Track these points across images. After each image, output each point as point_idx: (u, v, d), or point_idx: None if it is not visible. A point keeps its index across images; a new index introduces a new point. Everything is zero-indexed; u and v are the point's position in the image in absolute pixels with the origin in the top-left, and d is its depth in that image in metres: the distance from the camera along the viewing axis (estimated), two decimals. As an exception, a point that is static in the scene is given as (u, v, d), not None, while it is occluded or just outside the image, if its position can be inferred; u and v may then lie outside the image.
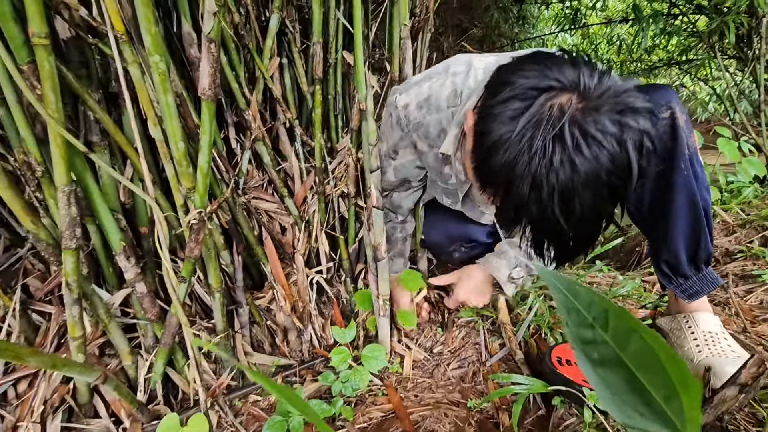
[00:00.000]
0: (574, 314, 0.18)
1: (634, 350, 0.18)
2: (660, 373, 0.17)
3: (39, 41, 0.61)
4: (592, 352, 0.18)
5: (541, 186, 0.59)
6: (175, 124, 0.72)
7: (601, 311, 0.18)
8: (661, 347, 0.17)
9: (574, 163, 0.57)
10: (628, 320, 0.18)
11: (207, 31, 0.61)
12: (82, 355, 0.76)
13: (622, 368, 0.18)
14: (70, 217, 0.70)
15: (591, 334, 0.18)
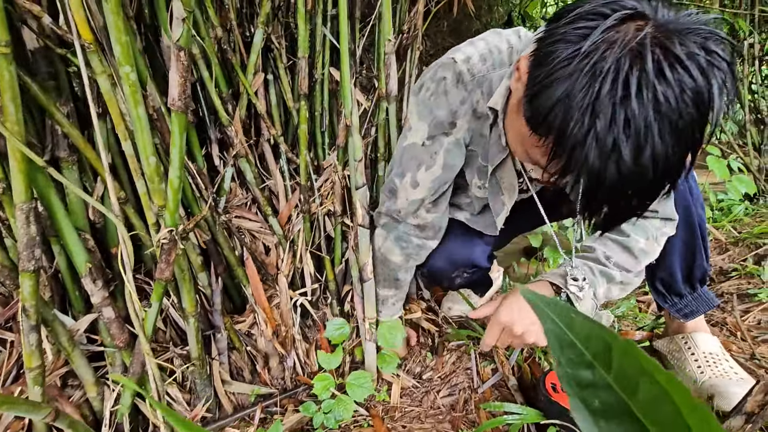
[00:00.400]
0: (569, 350, 0.14)
1: (645, 397, 0.14)
2: (680, 427, 0.13)
3: (0, 49, 0.58)
4: (592, 399, 0.14)
5: (609, 117, 0.49)
6: (146, 138, 0.69)
7: (602, 347, 0.14)
8: (680, 393, 0.13)
9: (654, 89, 0.48)
10: (637, 358, 0.14)
11: (176, 38, 0.58)
12: (39, 387, 0.70)
13: (630, 420, 0.14)
14: (29, 236, 0.65)
15: (590, 375, 0.14)
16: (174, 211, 0.69)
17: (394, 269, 1.02)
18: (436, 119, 0.83)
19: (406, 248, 0.99)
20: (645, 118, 0.49)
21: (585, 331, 0.14)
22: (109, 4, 0.60)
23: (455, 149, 0.85)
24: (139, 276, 0.97)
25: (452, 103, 0.81)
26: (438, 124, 0.83)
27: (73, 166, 0.77)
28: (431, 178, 0.88)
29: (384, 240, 1.01)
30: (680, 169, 0.53)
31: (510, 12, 3.64)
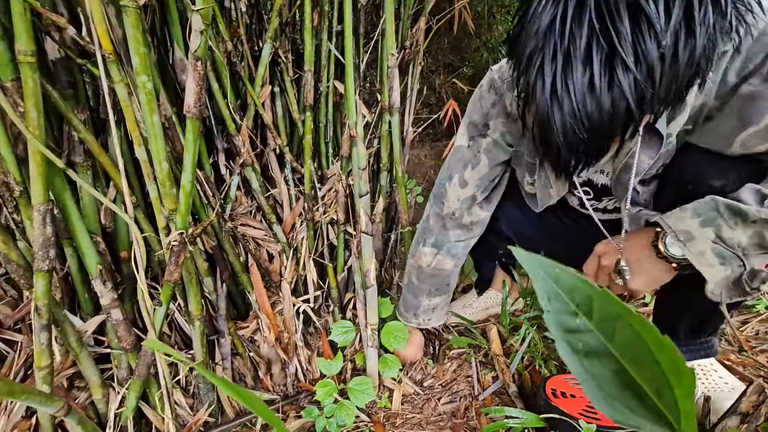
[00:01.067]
0: (555, 301, 0.17)
1: (621, 339, 0.16)
2: (650, 363, 0.15)
3: (25, 59, 0.61)
4: (576, 342, 0.16)
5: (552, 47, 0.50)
6: (159, 144, 0.72)
7: (584, 297, 0.16)
8: (650, 333, 0.15)
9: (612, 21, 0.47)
10: (614, 305, 0.16)
11: (194, 49, 0.62)
12: (48, 386, 0.71)
13: (609, 359, 0.16)
14: (45, 237, 0.67)
15: (574, 322, 0.16)
16: (185, 214, 0.72)
17: (447, 276, 1.06)
18: (472, 123, 0.89)
19: (456, 255, 1.03)
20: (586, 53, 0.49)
21: (570, 283, 0.16)
22: (130, 18, 0.64)
23: (494, 149, 0.89)
24: (146, 281, 0.98)
25: (485, 106, 0.86)
26: (474, 127, 0.89)
27: (87, 171, 0.80)
28: (478, 176, 0.92)
29: (434, 256, 1.03)
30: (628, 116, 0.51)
31: (509, 31, 3.72)
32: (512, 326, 1.23)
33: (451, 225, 1.00)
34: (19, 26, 0.60)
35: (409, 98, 1.46)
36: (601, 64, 0.49)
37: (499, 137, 0.87)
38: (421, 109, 3.89)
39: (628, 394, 0.16)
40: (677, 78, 0.50)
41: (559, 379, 0.91)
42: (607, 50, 0.49)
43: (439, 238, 1.01)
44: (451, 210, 0.97)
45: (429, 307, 1.10)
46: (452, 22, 2.51)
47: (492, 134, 0.87)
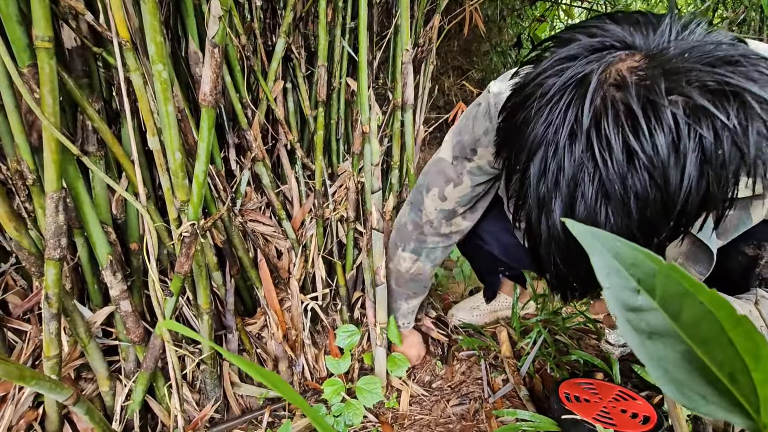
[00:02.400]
0: (615, 276, 0.15)
1: (689, 317, 0.15)
2: (723, 343, 0.14)
3: (42, 44, 0.61)
4: (638, 322, 0.15)
5: (539, 165, 0.45)
6: (174, 133, 0.71)
7: (647, 272, 0.15)
8: (723, 311, 0.14)
9: (599, 151, 0.42)
10: (680, 280, 0.15)
11: (211, 35, 0.61)
12: (56, 376, 0.71)
13: (676, 340, 0.15)
14: (57, 225, 0.67)
15: (636, 299, 0.15)
16: (198, 205, 0.71)
17: (425, 279, 1.05)
18: (461, 142, 0.84)
19: (435, 259, 1.02)
20: (575, 180, 0.44)
21: (631, 257, 0.15)
22: (147, 6, 0.64)
23: (478, 172, 0.85)
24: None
25: (476, 131, 0.81)
26: (462, 148, 0.84)
27: (100, 161, 0.80)
28: (459, 195, 0.89)
29: (413, 262, 1.01)
30: None
31: (519, 35, 3.72)
32: (522, 329, 1.21)
33: (429, 232, 0.96)
34: (37, 11, 0.60)
35: (420, 97, 1.45)
36: (593, 196, 0.44)
37: (485, 164, 0.83)
38: (430, 111, 3.89)
39: (698, 378, 0.14)
40: (682, 211, 0.43)
41: (572, 383, 0.89)
42: (600, 185, 0.43)
43: (417, 245, 0.99)
44: (429, 219, 0.94)
45: (408, 311, 1.10)
46: (463, 24, 2.50)
47: (479, 161, 0.83)
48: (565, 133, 0.44)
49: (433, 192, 0.91)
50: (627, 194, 0.42)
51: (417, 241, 0.99)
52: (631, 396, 0.85)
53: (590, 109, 0.43)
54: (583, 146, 0.43)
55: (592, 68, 0.44)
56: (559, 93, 0.45)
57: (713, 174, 0.41)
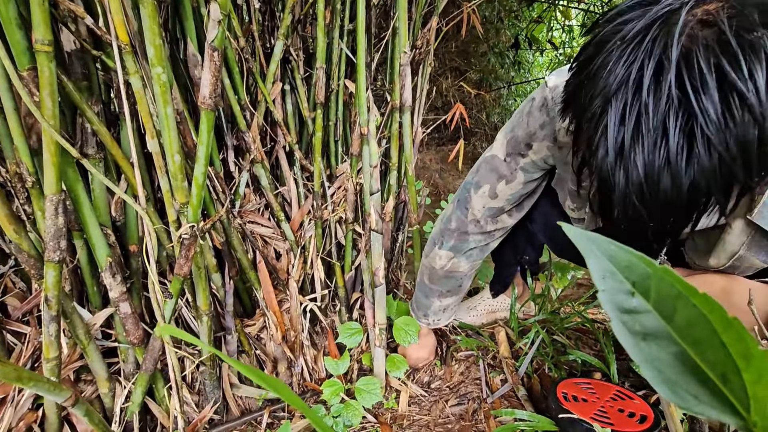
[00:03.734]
0: (610, 279, 0.16)
1: (682, 319, 0.15)
2: (715, 345, 0.15)
3: (42, 47, 0.61)
4: (633, 324, 0.15)
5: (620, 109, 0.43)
6: (173, 135, 0.71)
7: (642, 275, 0.16)
8: (715, 313, 0.15)
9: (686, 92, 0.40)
10: (674, 283, 0.15)
11: (211, 39, 0.62)
12: (56, 378, 0.71)
13: (669, 341, 0.15)
14: (56, 227, 0.67)
15: (631, 302, 0.16)
16: (197, 207, 0.71)
17: (460, 278, 1.03)
18: (514, 138, 0.83)
19: (473, 258, 1.00)
20: (663, 124, 0.41)
21: (625, 260, 0.16)
22: (147, 9, 0.64)
23: (532, 168, 0.84)
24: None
25: (532, 125, 0.79)
26: (515, 144, 0.83)
27: (99, 163, 0.80)
28: (510, 192, 0.88)
29: (449, 260, 1.00)
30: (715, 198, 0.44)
31: (517, 35, 3.73)
32: (520, 329, 1.21)
33: (473, 230, 0.96)
34: (36, 15, 0.60)
35: (418, 99, 1.45)
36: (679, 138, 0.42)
37: (540, 160, 0.82)
38: (428, 112, 3.90)
39: (690, 378, 0.15)
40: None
41: (570, 382, 0.90)
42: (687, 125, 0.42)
43: (457, 243, 0.98)
44: (475, 217, 0.94)
45: (440, 308, 1.08)
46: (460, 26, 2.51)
47: (533, 155, 0.82)
48: (651, 70, 0.42)
49: (483, 189, 0.90)
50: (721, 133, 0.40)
51: (458, 240, 0.97)
52: (628, 395, 0.85)
53: (678, 44, 0.40)
54: (672, 82, 0.41)
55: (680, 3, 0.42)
56: (643, 32, 0.43)
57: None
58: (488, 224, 0.94)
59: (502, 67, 3.97)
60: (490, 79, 3.90)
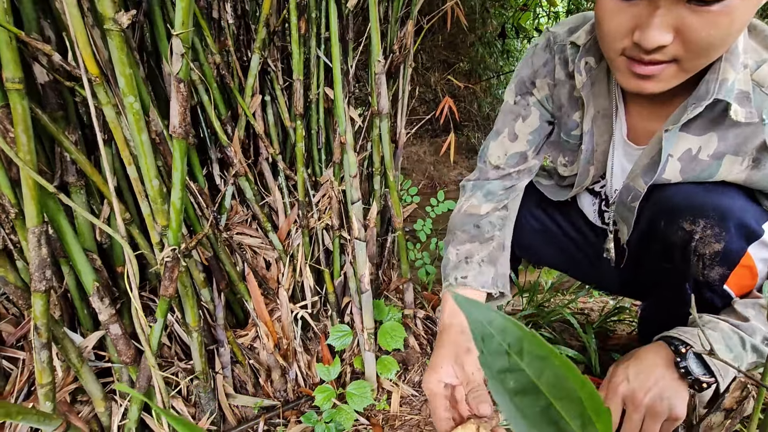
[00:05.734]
0: (489, 341, 0.18)
1: (548, 378, 0.17)
2: (575, 400, 0.17)
3: (12, 86, 0.62)
4: (508, 381, 0.17)
5: None
6: (149, 162, 0.73)
7: (516, 338, 0.17)
8: (573, 374, 0.16)
9: None
10: (542, 347, 0.17)
11: (176, 71, 0.63)
12: (51, 402, 0.73)
13: (538, 397, 0.17)
14: (41, 258, 0.69)
15: (506, 361, 0.18)
16: (177, 231, 0.73)
17: (479, 219, 0.91)
18: (521, 79, 0.89)
19: (494, 197, 0.93)
20: None
21: (502, 324, 0.17)
22: (114, 41, 0.65)
23: (541, 109, 0.89)
24: (144, 293, 1.00)
25: (536, 63, 0.86)
26: (521, 84, 0.89)
27: (81, 191, 0.82)
28: (530, 130, 0.90)
29: (466, 200, 0.95)
30: None
31: (503, 24, 3.72)
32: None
33: (493, 176, 0.94)
34: (5, 54, 0.62)
35: (401, 100, 1.46)
36: None
37: (543, 98, 0.87)
38: (419, 106, 3.90)
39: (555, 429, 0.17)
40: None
41: None
42: None
43: (475, 183, 0.96)
44: (495, 164, 0.94)
45: (457, 261, 0.87)
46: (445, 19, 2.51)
47: (537, 93, 0.87)
48: None
49: (503, 135, 0.92)
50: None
51: (477, 180, 0.97)
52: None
53: None
54: None
55: None
56: None
57: None
58: (511, 169, 0.93)
59: (490, 57, 3.96)
60: (480, 69, 3.89)
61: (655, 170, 0.70)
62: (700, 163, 0.69)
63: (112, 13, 0.63)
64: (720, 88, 0.62)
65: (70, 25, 0.65)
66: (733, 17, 0.54)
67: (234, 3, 1.14)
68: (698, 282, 0.73)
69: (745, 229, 0.66)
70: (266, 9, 1.08)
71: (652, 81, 0.61)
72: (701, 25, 0.54)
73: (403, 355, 1.20)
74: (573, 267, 1.08)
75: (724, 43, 0.57)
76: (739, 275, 0.70)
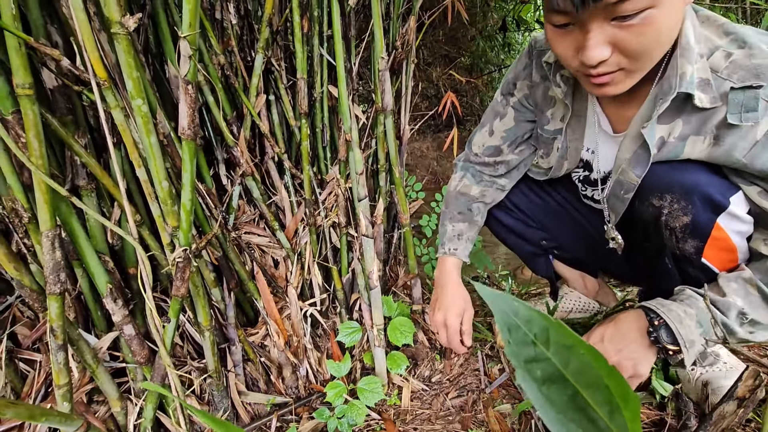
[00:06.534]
0: (515, 332, 0.18)
1: (575, 366, 0.17)
2: (602, 388, 0.17)
3: (23, 92, 0.63)
4: (535, 371, 0.18)
5: None
6: (158, 164, 0.74)
7: (541, 327, 0.18)
8: (600, 362, 0.17)
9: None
10: (568, 336, 0.17)
11: (183, 74, 0.63)
12: (68, 403, 0.74)
13: (565, 385, 0.18)
14: (54, 261, 0.70)
15: (533, 351, 0.18)
16: (187, 231, 0.74)
17: (470, 201, 1.08)
18: (507, 80, 0.99)
19: (481, 182, 1.07)
20: None
21: (527, 315, 0.18)
22: (121, 45, 0.66)
23: (520, 107, 0.98)
24: (155, 294, 1.01)
25: (518, 67, 0.96)
26: (507, 85, 0.99)
27: (92, 194, 0.82)
28: (504, 128, 1.01)
29: (460, 180, 1.09)
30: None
31: (504, 17, 3.69)
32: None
33: (475, 160, 1.07)
34: (15, 61, 0.62)
35: (404, 96, 1.46)
36: None
37: (523, 98, 0.96)
38: (421, 101, 3.89)
39: (583, 416, 0.17)
40: None
41: None
42: None
43: (464, 164, 1.10)
44: (474, 152, 1.07)
45: (453, 234, 1.06)
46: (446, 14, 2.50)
47: (518, 94, 0.97)
48: None
49: (485, 128, 1.04)
50: None
51: (465, 162, 1.10)
52: None
53: None
54: None
55: None
56: None
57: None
58: (487, 159, 1.05)
59: (491, 51, 3.94)
60: (481, 63, 3.87)
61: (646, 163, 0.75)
62: (667, 146, 0.73)
63: (118, 17, 0.64)
64: (681, 81, 0.67)
65: (77, 30, 0.66)
66: (657, 25, 0.59)
67: (237, 3, 1.14)
68: (677, 257, 0.78)
69: (710, 201, 0.70)
70: (269, 9, 1.08)
71: (610, 86, 0.68)
72: (630, 37, 0.60)
73: (412, 351, 1.21)
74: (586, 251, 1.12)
75: (660, 45, 0.63)
76: (715, 247, 0.74)
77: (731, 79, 0.65)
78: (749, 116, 0.64)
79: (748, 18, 2.16)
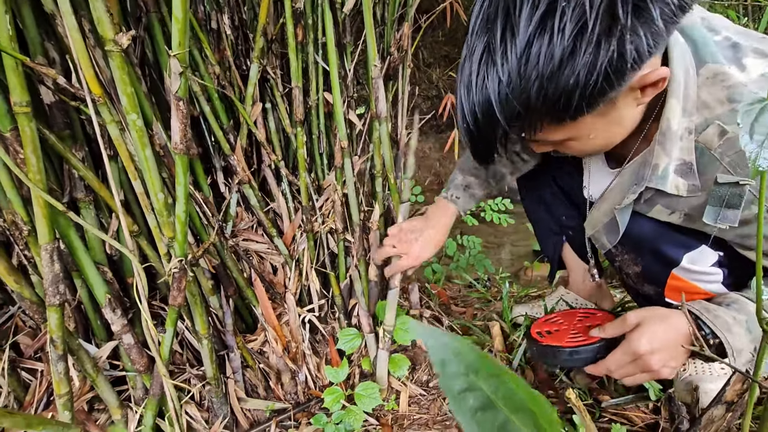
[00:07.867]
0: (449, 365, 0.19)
1: (503, 393, 0.18)
2: (528, 413, 0.18)
3: (20, 109, 0.65)
4: (468, 399, 0.19)
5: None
6: (154, 176, 0.75)
7: (472, 359, 0.19)
8: (523, 389, 0.18)
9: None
10: (494, 366, 0.18)
11: (174, 90, 0.65)
12: (69, 412, 0.76)
13: (496, 411, 0.18)
14: (54, 273, 0.72)
15: (465, 382, 0.19)
16: (183, 243, 0.75)
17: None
18: None
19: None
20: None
21: (457, 347, 0.19)
22: (115, 62, 0.67)
23: None
24: (154, 302, 1.03)
25: None
26: None
27: (89, 206, 0.84)
28: None
29: None
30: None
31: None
32: (513, 322, 1.24)
33: None
34: (12, 80, 0.64)
35: (401, 101, 1.47)
36: (478, 63, 0.54)
37: None
38: (422, 102, 3.89)
39: (513, 440, 0.18)
40: (554, 88, 0.51)
41: (540, 322, 0.94)
42: (483, 51, 0.54)
43: None
44: None
45: (461, 184, 1.09)
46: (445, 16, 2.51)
47: None
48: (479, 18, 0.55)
49: None
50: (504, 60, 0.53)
51: None
52: (591, 312, 0.93)
53: None
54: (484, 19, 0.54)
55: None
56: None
57: None
58: None
59: (492, 51, 3.93)
60: (482, 64, 3.86)
61: (617, 235, 0.78)
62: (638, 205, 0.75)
63: (112, 34, 0.65)
64: (652, 175, 0.66)
65: (72, 48, 0.68)
66: (593, 127, 0.58)
67: (231, 13, 1.16)
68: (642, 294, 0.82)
69: (661, 256, 0.72)
70: (263, 18, 1.10)
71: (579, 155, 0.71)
72: (571, 148, 0.62)
73: (410, 355, 1.22)
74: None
75: (607, 141, 0.63)
76: (677, 290, 0.75)
77: (722, 160, 0.60)
78: (728, 215, 0.60)
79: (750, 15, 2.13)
